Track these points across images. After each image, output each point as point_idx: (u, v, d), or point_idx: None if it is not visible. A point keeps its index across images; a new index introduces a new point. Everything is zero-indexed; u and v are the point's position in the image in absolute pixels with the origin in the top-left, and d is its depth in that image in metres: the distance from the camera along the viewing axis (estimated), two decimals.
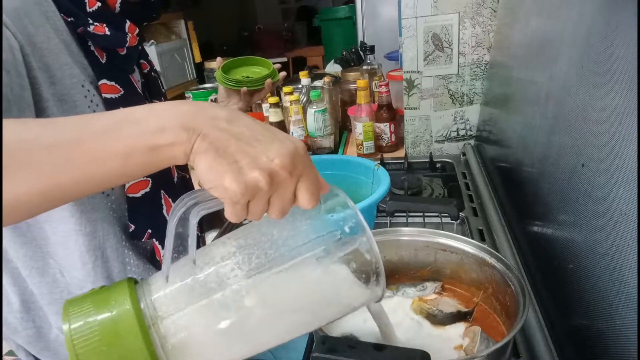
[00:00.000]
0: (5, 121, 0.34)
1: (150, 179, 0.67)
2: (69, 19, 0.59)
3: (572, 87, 0.63)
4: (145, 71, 0.74)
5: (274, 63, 1.08)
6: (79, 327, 0.32)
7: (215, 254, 0.38)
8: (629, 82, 0.47)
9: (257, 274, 0.36)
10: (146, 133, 0.34)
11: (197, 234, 0.39)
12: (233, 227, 1.04)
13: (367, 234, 0.39)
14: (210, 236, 1.17)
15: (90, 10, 0.60)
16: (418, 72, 1.28)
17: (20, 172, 0.32)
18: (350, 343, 0.43)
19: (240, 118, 0.37)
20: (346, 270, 0.39)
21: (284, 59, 3.89)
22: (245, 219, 0.36)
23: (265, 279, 0.36)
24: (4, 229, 0.59)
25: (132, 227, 0.66)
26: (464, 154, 1.28)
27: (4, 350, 0.87)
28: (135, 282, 0.37)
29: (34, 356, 0.70)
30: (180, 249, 0.36)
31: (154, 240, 0.70)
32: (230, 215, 0.35)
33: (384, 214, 0.86)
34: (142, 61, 0.74)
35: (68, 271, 0.63)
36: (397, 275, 0.67)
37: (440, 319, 0.59)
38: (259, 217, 0.36)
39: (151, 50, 2.63)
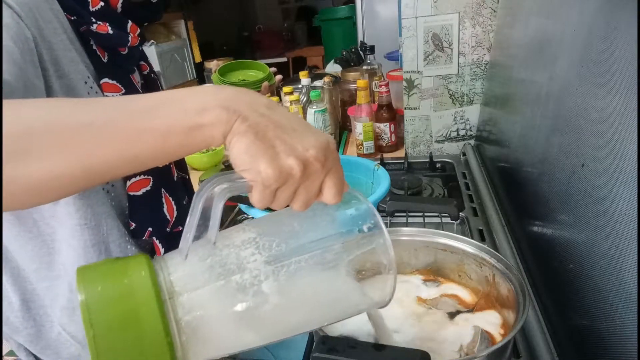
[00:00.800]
0: (41, 100, 0.34)
1: (151, 177, 0.67)
2: (72, 18, 0.59)
3: (572, 87, 0.63)
4: (145, 72, 0.75)
5: (273, 64, 1.09)
6: (96, 293, 0.31)
7: (235, 238, 0.37)
8: (629, 82, 0.47)
9: (277, 261, 0.36)
10: (188, 112, 0.34)
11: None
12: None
13: (385, 235, 0.39)
14: None
15: (93, 9, 0.60)
16: (418, 72, 1.28)
17: (62, 150, 0.33)
18: (350, 343, 0.43)
19: (278, 107, 0.37)
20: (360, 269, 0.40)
21: (284, 59, 3.89)
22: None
23: (284, 267, 0.36)
24: (10, 225, 0.59)
25: (133, 225, 0.66)
26: (464, 154, 1.28)
27: (4, 351, 0.87)
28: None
29: (34, 356, 0.70)
30: (201, 230, 0.35)
31: (154, 238, 0.70)
32: (256, 199, 0.36)
33: (384, 214, 0.86)
34: (141, 62, 0.74)
35: (72, 267, 0.63)
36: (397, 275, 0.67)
37: (440, 319, 0.59)
38: (283, 205, 0.37)
39: (151, 50, 2.63)
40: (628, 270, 0.45)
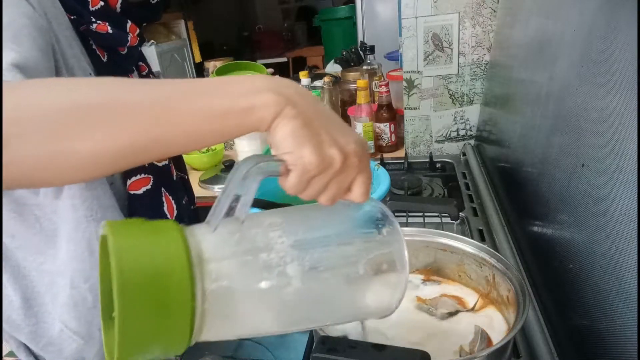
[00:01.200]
0: (94, 78, 0.35)
1: (151, 177, 0.68)
2: (72, 17, 0.60)
3: (572, 87, 0.63)
4: (144, 73, 0.75)
5: (273, 64, 1.09)
6: (126, 242, 0.30)
7: (262, 220, 0.38)
8: (629, 82, 0.47)
9: (303, 247, 0.36)
10: (243, 94, 0.36)
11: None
12: None
13: (401, 238, 0.40)
14: None
15: (93, 9, 0.61)
16: (418, 72, 1.28)
17: (117, 126, 0.34)
18: (350, 343, 0.43)
19: (320, 101, 0.39)
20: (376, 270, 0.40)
21: (284, 59, 3.89)
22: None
23: (309, 254, 0.36)
24: (12, 222, 0.59)
25: None
26: (464, 154, 1.28)
27: (4, 352, 0.87)
28: None
29: (34, 356, 0.70)
30: (228, 208, 0.36)
31: None
32: (292, 183, 0.37)
33: None
34: (140, 63, 0.74)
35: (74, 263, 0.63)
36: None
37: (440, 319, 0.59)
38: (313, 195, 0.38)
39: (151, 50, 2.63)
40: (628, 270, 0.45)
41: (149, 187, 0.67)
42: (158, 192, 0.69)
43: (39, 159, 0.33)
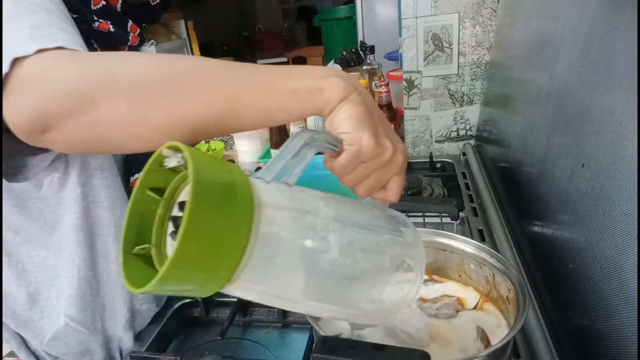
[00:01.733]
0: (186, 56, 0.38)
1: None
2: (75, 16, 0.60)
3: (572, 87, 0.63)
4: None
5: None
6: (202, 158, 0.30)
7: (309, 190, 0.39)
8: (629, 82, 0.47)
9: (343, 222, 0.38)
10: (313, 77, 0.39)
11: None
12: None
13: (421, 246, 0.43)
14: None
15: (95, 7, 0.61)
16: (418, 72, 1.28)
17: (205, 92, 0.37)
18: (350, 343, 0.43)
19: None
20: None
21: (284, 59, 3.89)
22: None
23: (348, 229, 0.38)
24: (16, 217, 0.59)
25: None
26: (464, 154, 1.28)
27: (5, 352, 0.87)
28: None
29: (35, 356, 0.70)
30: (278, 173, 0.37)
31: None
32: (342, 163, 0.39)
33: None
34: None
35: (81, 253, 0.63)
36: None
37: (440, 319, 0.59)
38: (356, 181, 0.41)
39: (151, 50, 2.62)
40: (628, 270, 0.45)
41: None
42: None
43: (126, 119, 0.36)
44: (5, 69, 0.37)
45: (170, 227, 0.33)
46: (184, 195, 0.33)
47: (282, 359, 0.66)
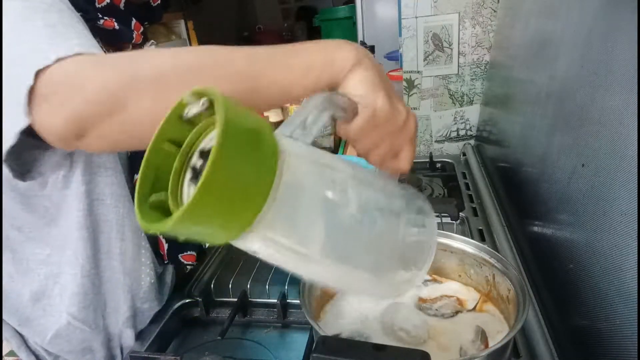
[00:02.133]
0: (200, 46, 0.43)
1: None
2: (79, 14, 0.60)
3: (572, 87, 0.63)
4: None
5: None
6: (230, 101, 0.30)
7: (326, 153, 0.39)
8: (629, 82, 0.47)
9: (360, 182, 0.38)
10: (326, 49, 0.42)
11: None
12: None
13: (433, 216, 0.43)
14: None
15: (100, 6, 0.61)
16: (418, 72, 1.28)
17: (223, 77, 0.40)
18: (350, 343, 0.43)
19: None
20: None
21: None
22: None
23: (365, 188, 0.38)
24: (23, 214, 0.60)
25: None
26: (464, 154, 1.28)
27: (5, 351, 0.87)
28: None
29: (35, 355, 0.70)
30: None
31: (160, 234, 0.71)
32: (357, 125, 0.40)
33: None
34: None
35: (84, 251, 0.63)
36: None
37: (440, 319, 0.59)
38: (370, 146, 0.42)
39: None
40: (628, 270, 0.45)
41: None
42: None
43: (152, 113, 0.38)
44: (30, 82, 0.39)
45: (189, 176, 0.33)
46: (207, 142, 0.33)
47: (282, 359, 0.66)
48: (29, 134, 0.41)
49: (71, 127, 0.39)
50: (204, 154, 0.31)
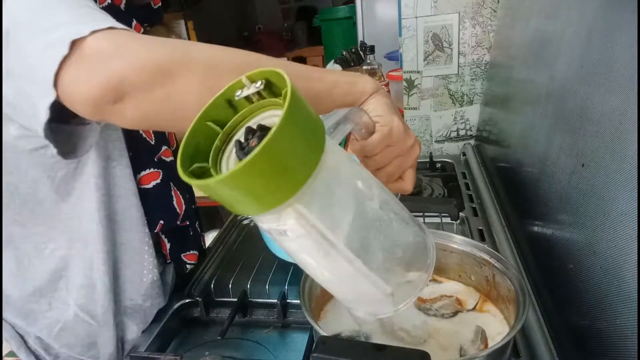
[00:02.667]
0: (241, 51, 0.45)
1: (161, 171, 0.69)
2: None
3: (572, 87, 0.63)
4: None
5: None
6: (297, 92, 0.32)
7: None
8: (629, 82, 0.47)
9: (380, 185, 0.41)
10: (347, 75, 0.49)
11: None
12: (232, 228, 1.04)
13: (432, 239, 0.45)
14: (210, 236, 1.17)
15: (101, 6, 0.61)
16: (418, 72, 1.28)
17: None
18: (350, 343, 0.43)
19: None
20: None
21: (284, 59, 3.89)
22: None
23: (384, 191, 0.41)
24: (25, 210, 0.60)
25: (146, 218, 0.68)
26: (464, 154, 1.28)
27: (4, 352, 0.87)
28: None
29: (35, 356, 0.70)
30: None
31: (161, 234, 0.71)
32: (374, 142, 0.47)
33: None
34: None
35: (93, 243, 0.64)
36: None
37: (440, 319, 0.59)
38: (381, 163, 0.49)
39: None
40: (628, 270, 0.45)
41: (158, 181, 0.69)
42: (167, 186, 0.71)
43: (198, 94, 0.40)
44: (64, 51, 0.39)
45: (232, 151, 0.34)
46: (259, 119, 0.35)
47: (282, 359, 0.66)
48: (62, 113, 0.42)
49: (108, 91, 0.39)
50: (253, 131, 0.33)
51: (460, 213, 0.90)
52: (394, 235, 0.41)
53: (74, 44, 0.39)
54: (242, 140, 0.34)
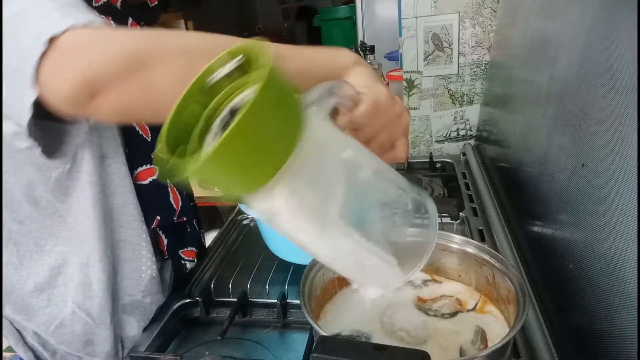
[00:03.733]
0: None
1: (157, 167, 0.69)
2: None
3: (572, 87, 0.63)
4: None
5: None
6: (274, 73, 0.31)
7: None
8: (629, 82, 0.47)
9: (371, 155, 0.41)
10: (327, 49, 0.49)
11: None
12: (232, 228, 1.04)
13: (430, 200, 0.44)
14: (210, 236, 1.17)
15: (97, 4, 0.61)
16: (418, 72, 1.28)
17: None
18: (350, 343, 0.43)
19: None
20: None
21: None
22: None
23: (375, 159, 0.41)
24: (26, 205, 0.60)
25: (145, 212, 0.68)
26: (464, 154, 1.28)
27: (3, 346, 0.87)
28: None
29: (32, 351, 0.70)
30: None
31: (159, 230, 0.72)
32: (362, 111, 0.44)
33: None
34: None
35: (89, 242, 0.64)
36: None
37: (440, 319, 0.59)
38: (370, 135, 0.46)
39: None
40: (628, 270, 0.45)
41: (155, 177, 0.69)
42: (164, 182, 0.71)
43: (179, 82, 0.37)
44: (42, 48, 0.39)
45: (216, 129, 0.34)
46: (239, 100, 0.34)
47: (282, 359, 0.66)
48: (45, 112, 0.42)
49: (84, 85, 0.39)
50: (234, 112, 0.33)
51: (460, 213, 0.90)
52: (392, 203, 0.41)
53: (52, 41, 0.40)
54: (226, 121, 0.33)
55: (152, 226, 0.69)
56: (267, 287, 0.76)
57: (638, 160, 0.43)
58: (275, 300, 0.72)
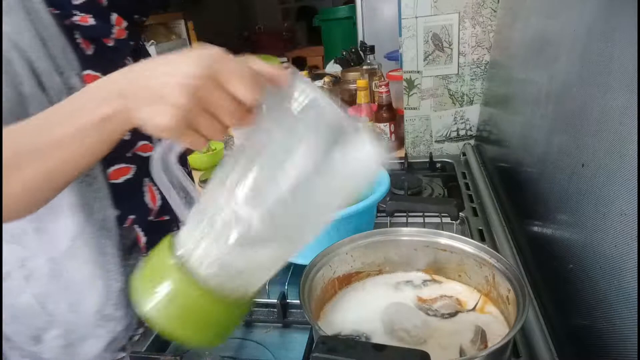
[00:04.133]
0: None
1: (134, 166, 0.69)
2: (56, 12, 0.61)
3: (572, 87, 0.63)
4: None
5: None
6: (153, 297, 0.39)
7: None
8: (629, 82, 0.47)
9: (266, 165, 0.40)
10: (92, 106, 0.43)
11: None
12: None
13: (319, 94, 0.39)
14: None
15: (77, 2, 0.62)
16: (418, 72, 1.28)
17: (19, 170, 0.45)
18: (350, 343, 0.43)
19: (136, 67, 0.43)
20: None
21: (284, 59, 3.89)
22: None
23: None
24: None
25: (118, 212, 0.68)
26: (464, 154, 1.28)
27: None
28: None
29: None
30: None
31: (137, 227, 0.71)
32: (168, 128, 0.39)
33: (384, 214, 0.86)
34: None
35: (55, 238, 0.64)
36: (397, 274, 0.67)
37: (440, 319, 0.59)
38: (211, 132, 0.40)
39: (151, 50, 2.63)
40: (628, 270, 0.45)
41: (129, 176, 0.69)
42: (139, 182, 0.71)
43: (35, 183, 0.45)
44: None
45: None
46: None
47: (282, 359, 0.66)
48: None
49: None
50: None
51: (460, 213, 0.90)
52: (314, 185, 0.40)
53: None
54: None
55: (125, 225, 0.69)
56: (267, 287, 0.76)
57: (638, 160, 0.43)
58: (275, 300, 0.72)
